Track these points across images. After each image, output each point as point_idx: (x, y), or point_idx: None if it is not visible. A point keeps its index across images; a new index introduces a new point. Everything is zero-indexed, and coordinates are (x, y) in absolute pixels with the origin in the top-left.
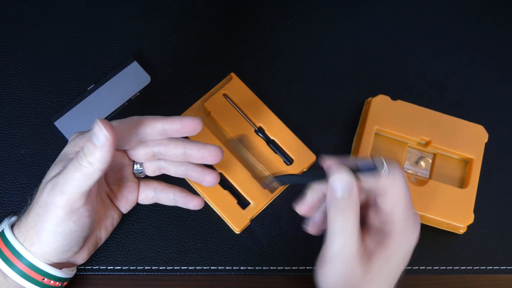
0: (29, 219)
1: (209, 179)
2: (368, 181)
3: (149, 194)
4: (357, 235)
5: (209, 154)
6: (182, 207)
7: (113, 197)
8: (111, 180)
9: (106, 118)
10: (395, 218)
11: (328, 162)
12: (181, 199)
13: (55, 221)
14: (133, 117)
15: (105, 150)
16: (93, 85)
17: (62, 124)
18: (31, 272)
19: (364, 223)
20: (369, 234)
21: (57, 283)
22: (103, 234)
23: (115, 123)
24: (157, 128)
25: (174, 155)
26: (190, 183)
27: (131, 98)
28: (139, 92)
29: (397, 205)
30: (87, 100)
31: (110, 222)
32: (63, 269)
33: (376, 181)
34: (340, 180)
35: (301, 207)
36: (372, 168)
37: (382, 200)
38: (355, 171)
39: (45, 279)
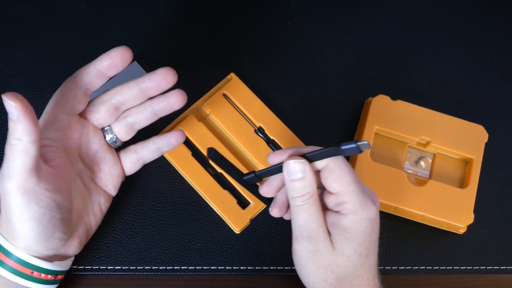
0: (2, 215)
1: (174, 98)
2: (316, 165)
3: (132, 158)
4: (316, 211)
5: (161, 77)
6: (167, 149)
7: (97, 178)
8: (87, 160)
9: None
10: (344, 197)
11: (281, 157)
12: (163, 142)
13: (18, 209)
14: (65, 81)
15: (23, 120)
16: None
17: None
18: (20, 267)
19: (325, 207)
20: (328, 215)
21: (49, 276)
22: (92, 221)
23: (54, 97)
24: (90, 71)
25: (133, 98)
26: (187, 180)
27: None
28: None
29: (342, 184)
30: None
31: (97, 207)
32: (55, 262)
33: (322, 163)
34: (292, 165)
35: (264, 188)
36: (355, 149)
37: (328, 183)
38: (307, 157)
39: (35, 272)
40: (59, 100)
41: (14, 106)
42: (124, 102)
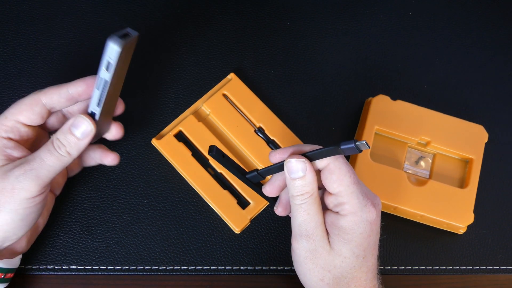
0: None
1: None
2: (317, 165)
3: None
4: (315, 210)
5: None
6: (99, 162)
7: None
8: None
9: (98, 102)
10: (343, 198)
11: (282, 155)
12: (97, 154)
13: (19, 204)
14: (35, 93)
15: (86, 142)
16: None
17: None
18: None
19: (325, 207)
20: (328, 215)
21: None
22: (41, 221)
23: (20, 104)
24: (63, 92)
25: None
26: (187, 180)
27: (108, 69)
28: (114, 60)
29: (341, 186)
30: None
31: (46, 208)
32: (4, 260)
33: (323, 163)
34: (293, 164)
35: (267, 188)
36: (354, 149)
37: (328, 183)
38: (308, 156)
39: None
40: (23, 110)
41: (91, 129)
42: (68, 109)
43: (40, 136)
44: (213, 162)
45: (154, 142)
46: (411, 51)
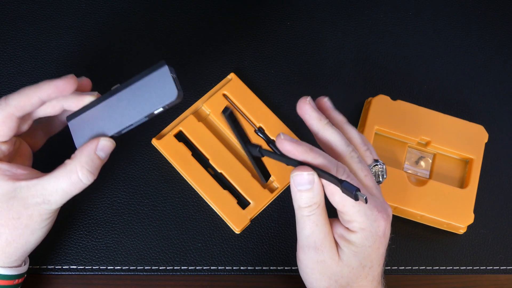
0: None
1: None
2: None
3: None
4: (323, 221)
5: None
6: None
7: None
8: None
9: (119, 130)
10: (350, 217)
11: (293, 149)
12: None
13: (42, 225)
14: (3, 106)
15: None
16: (118, 85)
17: (74, 125)
18: (5, 282)
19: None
20: (337, 227)
21: (16, 280)
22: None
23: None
24: (35, 102)
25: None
26: (187, 180)
27: (153, 112)
28: (163, 107)
29: (346, 206)
30: (107, 103)
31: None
32: (13, 268)
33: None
34: (302, 177)
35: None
36: (352, 194)
37: (333, 201)
38: (317, 169)
39: (16, 280)
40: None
41: (110, 150)
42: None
43: (14, 139)
44: (213, 162)
45: (154, 142)
46: (411, 51)
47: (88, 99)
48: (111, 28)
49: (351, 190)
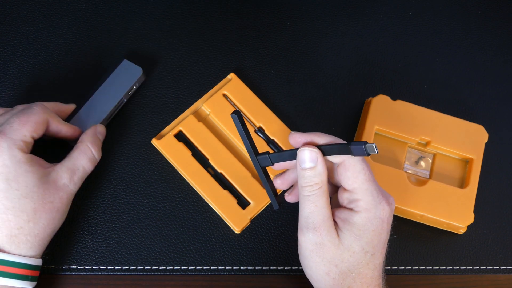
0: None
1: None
2: (332, 159)
3: None
4: (323, 203)
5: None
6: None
7: None
8: None
9: (106, 116)
10: (357, 195)
11: (299, 139)
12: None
13: (66, 209)
14: (41, 112)
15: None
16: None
17: (73, 123)
18: (31, 271)
19: (337, 204)
20: (341, 211)
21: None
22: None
23: (32, 122)
24: (57, 123)
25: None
26: (187, 180)
27: (129, 92)
28: (135, 86)
29: (356, 182)
30: (89, 104)
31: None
32: (29, 257)
33: (338, 158)
34: (306, 153)
35: (278, 180)
36: (362, 151)
37: (343, 179)
38: (321, 149)
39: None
40: (37, 129)
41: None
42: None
43: None
44: (213, 162)
45: (154, 142)
46: (411, 51)
47: (73, 105)
48: (111, 28)
49: (360, 145)
